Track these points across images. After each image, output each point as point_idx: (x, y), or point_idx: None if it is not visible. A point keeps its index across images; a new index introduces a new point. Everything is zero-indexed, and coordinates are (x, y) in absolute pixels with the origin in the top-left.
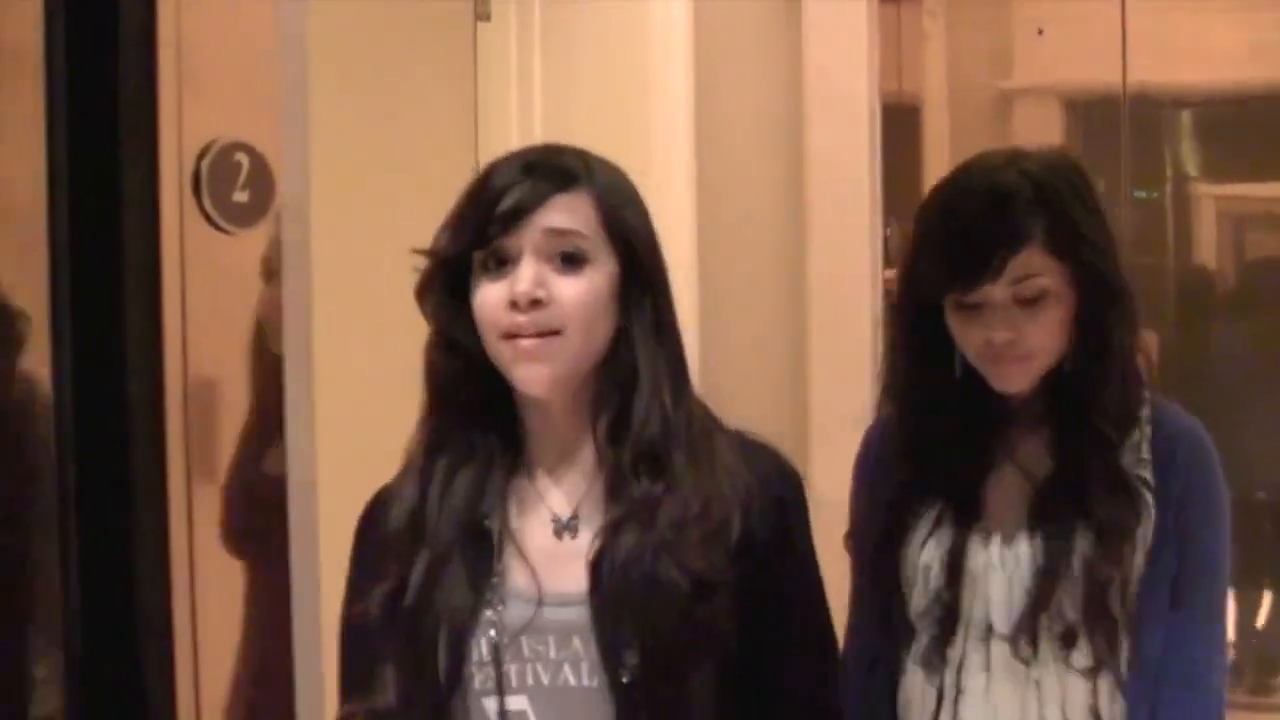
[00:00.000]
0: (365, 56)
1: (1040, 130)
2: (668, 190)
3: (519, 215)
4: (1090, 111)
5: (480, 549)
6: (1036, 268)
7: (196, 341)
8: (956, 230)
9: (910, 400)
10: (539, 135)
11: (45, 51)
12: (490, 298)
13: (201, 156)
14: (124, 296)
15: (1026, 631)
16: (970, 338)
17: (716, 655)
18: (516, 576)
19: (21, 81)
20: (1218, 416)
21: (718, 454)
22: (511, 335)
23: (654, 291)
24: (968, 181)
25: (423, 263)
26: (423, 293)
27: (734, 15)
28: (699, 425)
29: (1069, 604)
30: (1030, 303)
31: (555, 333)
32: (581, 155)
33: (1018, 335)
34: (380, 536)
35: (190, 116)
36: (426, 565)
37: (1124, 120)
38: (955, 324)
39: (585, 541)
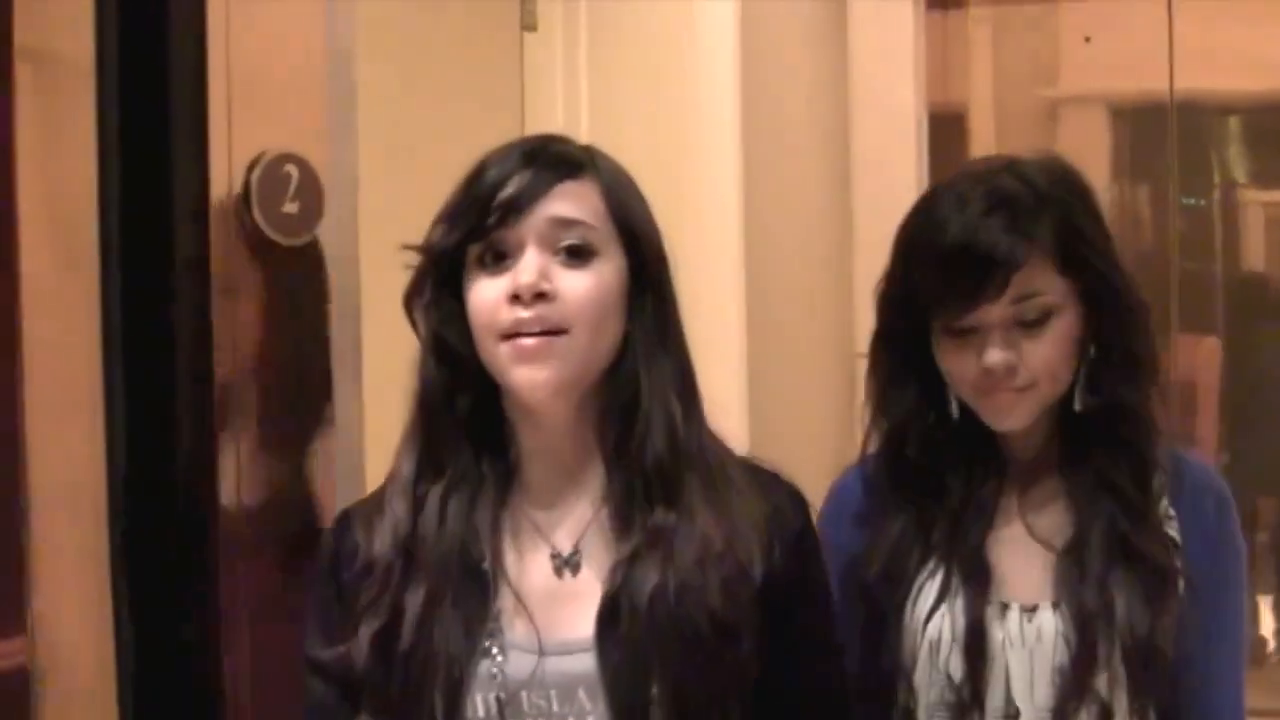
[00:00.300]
0: (412, 67)
1: (1087, 138)
2: (715, 199)
3: (521, 204)
4: (1137, 119)
5: (475, 588)
6: (1041, 285)
7: (246, 348)
8: (951, 243)
9: (897, 444)
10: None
11: (97, 64)
12: (488, 294)
13: (251, 168)
14: (174, 307)
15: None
16: (964, 368)
17: (742, 701)
18: (515, 623)
19: (73, 94)
20: (1267, 421)
21: (733, 481)
22: (511, 335)
23: (659, 294)
24: (961, 189)
25: (415, 261)
26: (412, 296)
27: (781, 24)
28: (712, 448)
29: (1103, 679)
30: (1032, 324)
31: (560, 332)
32: (584, 145)
33: (1018, 360)
34: (358, 565)
35: (240, 128)
36: (422, 604)
37: (1171, 127)
38: (944, 352)
39: (588, 580)
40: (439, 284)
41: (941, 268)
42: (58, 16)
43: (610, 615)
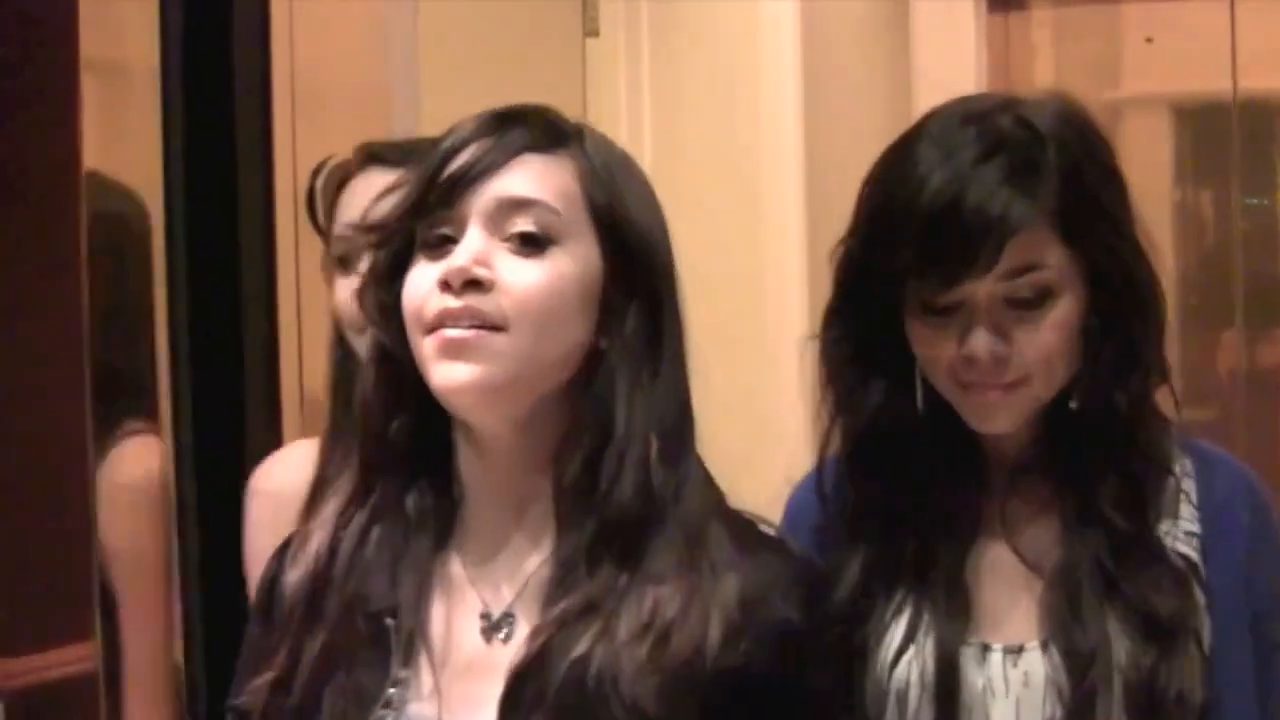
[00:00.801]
0: (475, 73)
1: (1149, 139)
2: (779, 202)
3: (470, 177)
4: (1200, 119)
5: (381, 648)
6: (1041, 256)
7: (312, 356)
8: (933, 199)
9: (862, 448)
10: (648, 149)
11: (162, 73)
12: (420, 282)
13: (316, 174)
14: (240, 312)
15: None
16: (940, 355)
17: None
18: (420, 694)
19: (140, 102)
20: None
21: (713, 547)
22: (437, 327)
23: (649, 305)
24: (946, 131)
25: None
26: (365, 287)
27: (843, 28)
28: (696, 502)
29: None
30: (1026, 305)
31: (497, 329)
32: (581, 124)
33: (1009, 348)
34: (284, 596)
35: (304, 135)
36: (317, 656)
37: (1234, 127)
38: (918, 335)
39: (518, 648)
40: (385, 274)
41: (921, 230)
42: (123, 27)
43: (516, 696)
